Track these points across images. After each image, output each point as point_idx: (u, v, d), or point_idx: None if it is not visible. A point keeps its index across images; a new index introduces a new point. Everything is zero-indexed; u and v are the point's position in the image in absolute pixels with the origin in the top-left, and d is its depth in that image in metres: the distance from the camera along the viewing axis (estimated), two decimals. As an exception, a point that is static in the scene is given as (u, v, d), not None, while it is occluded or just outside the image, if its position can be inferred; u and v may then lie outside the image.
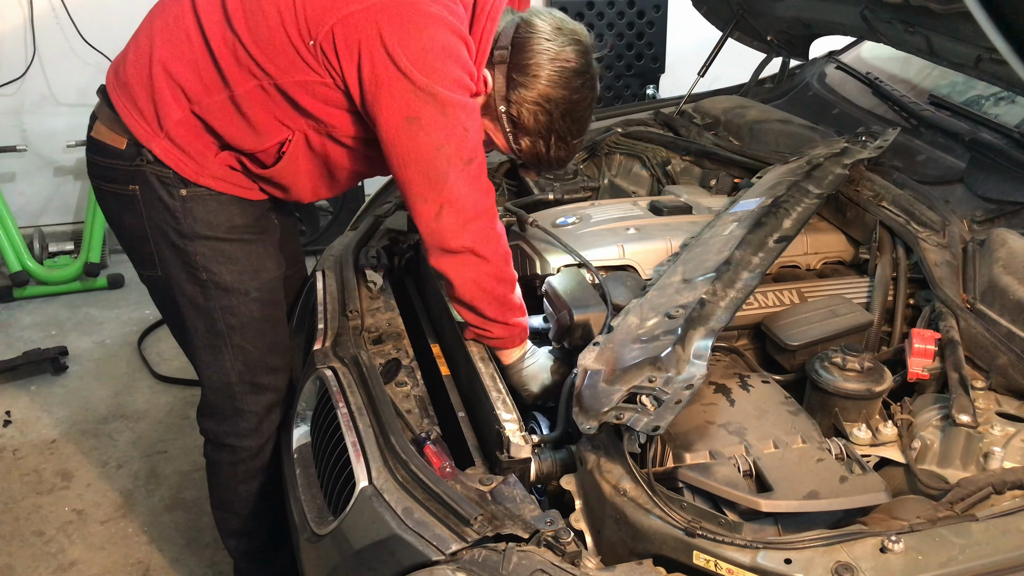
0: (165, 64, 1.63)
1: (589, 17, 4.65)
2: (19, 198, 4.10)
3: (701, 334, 1.48)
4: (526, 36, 1.62)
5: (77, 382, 3.30)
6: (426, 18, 1.50)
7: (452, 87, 1.51)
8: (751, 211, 1.86)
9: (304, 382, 1.85)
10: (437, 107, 1.50)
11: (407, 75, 1.48)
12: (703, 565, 1.22)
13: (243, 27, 1.57)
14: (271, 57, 1.57)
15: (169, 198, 1.71)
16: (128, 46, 1.72)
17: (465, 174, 1.55)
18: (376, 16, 1.48)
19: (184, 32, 1.62)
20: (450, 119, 1.51)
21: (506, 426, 1.49)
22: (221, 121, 1.65)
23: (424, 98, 1.49)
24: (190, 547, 2.53)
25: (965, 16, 1.55)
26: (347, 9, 1.50)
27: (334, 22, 1.50)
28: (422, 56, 1.48)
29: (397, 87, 1.49)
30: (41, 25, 3.91)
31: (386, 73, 1.49)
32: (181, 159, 1.68)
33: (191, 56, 1.62)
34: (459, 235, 1.58)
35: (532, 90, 1.62)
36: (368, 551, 1.40)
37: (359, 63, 1.50)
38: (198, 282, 1.78)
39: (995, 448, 1.42)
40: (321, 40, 1.52)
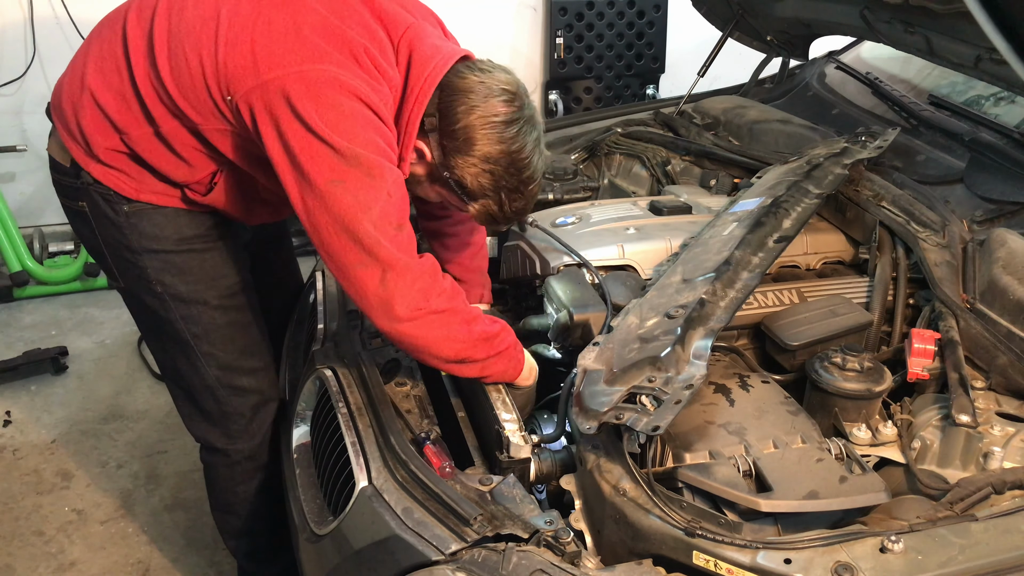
0: (94, 93, 1.61)
1: (589, 17, 4.65)
2: (19, 198, 4.09)
3: (701, 334, 1.49)
4: (449, 100, 1.55)
5: (77, 382, 3.30)
6: (343, 88, 1.44)
7: (375, 152, 1.46)
8: (751, 211, 1.86)
9: (304, 382, 1.85)
10: (362, 169, 1.44)
11: (327, 140, 1.42)
12: (703, 565, 1.22)
13: (166, 70, 1.54)
14: (192, 104, 1.54)
15: (114, 215, 1.69)
16: (68, 67, 1.70)
17: (398, 238, 1.47)
18: (293, 85, 1.43)
19: (114, 62, 1.60)
20: (376, 181, 1.45)
21: (506, 426, 1.49)
22: (150, 154, 1.63)
23: (348, 161, 1.43)
24: (190, 547, 2.53)
25: (965, 16, 1.55)
26: (266, 75, 1.45)
27: (252, 86, 1.45)
28: (342, 123, 1.43)
29: (318, 153, 1.43)
30: (41, 25, 3.91)
31: (304, 140, 1.43)
32: (119, 178, 1.66)
33: (120, 87, 1.59)
34: (409, 297, 1.47)
35: (468, 154, 1.55)
36: (368, 551, 1.40)
37: (276, 130, 1.44)
38: (155, 295, 1.76)
39: (995, 448, 1.42)
40: (238, 101, 1.48)
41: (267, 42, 1.46)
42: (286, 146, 1.44)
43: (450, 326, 1.52)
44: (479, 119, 1.54)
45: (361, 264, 1.46)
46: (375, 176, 1.45)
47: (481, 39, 4.60)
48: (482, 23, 4.59)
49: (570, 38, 4.66)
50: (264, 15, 1.49)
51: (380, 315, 1.49)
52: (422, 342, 1.52)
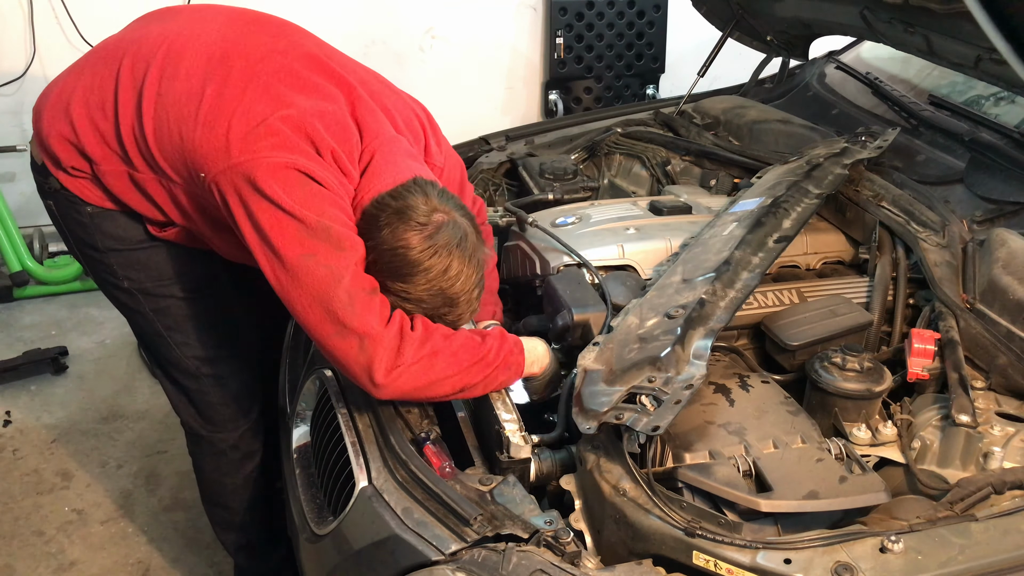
0: (75, 122, 1.64)
1: (589, 17, 4.65)
2: (19, 198, 4.09)
3: (701, 334, 1.49)
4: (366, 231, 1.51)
5: (77, 382, 3.30)
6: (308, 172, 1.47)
7: (342, 224, 1.47)
8: (751, 211, 1.86)
9: (304, 382, 1.85)
10: (332, 243, 1.45)
11: (295, 215, 1.44)
12: (703, 565, 1.22)
13: (150, 129, 1.57)
14: (171, 165, 1.58)
15: (78, 215, 1.73)
16: (58, 80, 1.72)
17: (372, 302, 1.46)
18: (259, 170, 1.46)
19: (101, 102, 1.63)
20: (346, 253, 1.46)
21: (506, 426, 1.49)
22: (119, 188, 1.66)
23: (318, 235, 1.44)
24: (190, 547, 2.53)
25: (965, 16, 1.55)
26: (235, 159, 1.48)
27: (220, 169, 1.49)
28: (307, 198, 1.46)
29: (288, 229, 1.44)
30: (41, 25, 3.91)
31: (274, 218, 1.45)
32: (84, 186, 1.70)
33: (103, 128, 1.62)
34: (387, 356, 1.45)
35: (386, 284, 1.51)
36: (368, 551, 1.40)
37: (246, 212, 1.47)
38: (123, 290, 1.80)
39: (995, 448, 1.42)
40: (208, 182, 1.52)
41: (242, 129, 1.50)
42: (256, 224, 1.46)
43: (435, 368, 1.48)
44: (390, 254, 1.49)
45: (338, 335, 1.45)
46: (345, 248, 1.46)
47: (481, 39, 4.61)
48: (482, 23, 4.59)
49: (570, 38, 4.66)
50: (244, 103, 1.52)
51: (365, 380, 1.47)
52: (414, 392, 1.51)
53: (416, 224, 1.48)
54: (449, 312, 1.55)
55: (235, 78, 1.56)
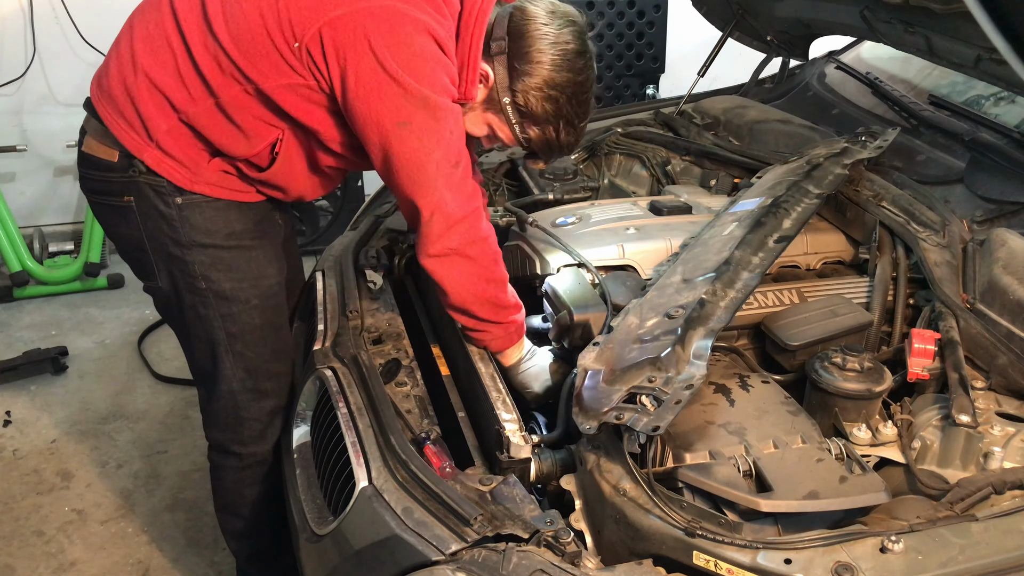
0: (148, 73, 1.61)
1: (589, 17, 4.63)
2: (19, 198, 4.10)
3: (701, 334, 1.49)
4: (522, 23, 1.59)
5: (77, 382, 3.30)
6: (413, 24, 1.48)
7: (441, 92, 1.51)
8: (751, 211, 1.86)
9: (304, 382, 1.85)
10: (428, 112, 1.49)
11: (397, 80, 1.46)
12: (703, 565, 1.22)
13: (224, 32, 1.54)
14: (253, 62, 1.54)
15: (165, 207, 1.69)
16: (110, 55, 1.69)
17: (453, 178, 1.55)
18: (364, 20, 1.46)
19: (165, 39, 1.60)
20: (440, 123, 1.51)
21: (506, 426, 1.49)
22: (210, 129, 1.63)
23: (415, 103, 1.48)
24: (190, 547, 2.53)
25: (965, 16, 1.55)
26: (334, 12, 1.47)
27: (321, 24, 1.47)
28: (411, 61, 1.47)
29: (388, 92, 1.47)
30: (41, 25, 3.91)
31: (375, 78, 1.47)
32: (174, 167, 1.66)
33: (173, 64, 1.59)
34: (445, 237, 1.57)
35: (536, 76, 1.59)
36: (368, 551, 1.40)
37: (344, 67, 1.48)
38: (197, 291, 1.76)
39: (995, 448, 1.42)
40: (307, 42, 1.49)
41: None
42: (356, 84, 1.48)
43: (468, 274, 1.61)
44: (551, 45, 1.58)
45: (416, 199, 1.55)
46: (439, 118, 1.50)
47: (481, 39, 4.61)
48: (482, 23, 4.59)
49: (570, 38, 4.66)
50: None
51: (420, 245, 1.60)
52: (439, 277, 1.62)
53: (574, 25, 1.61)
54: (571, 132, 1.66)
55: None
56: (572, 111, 1.64)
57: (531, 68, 1.59)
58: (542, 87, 1.60)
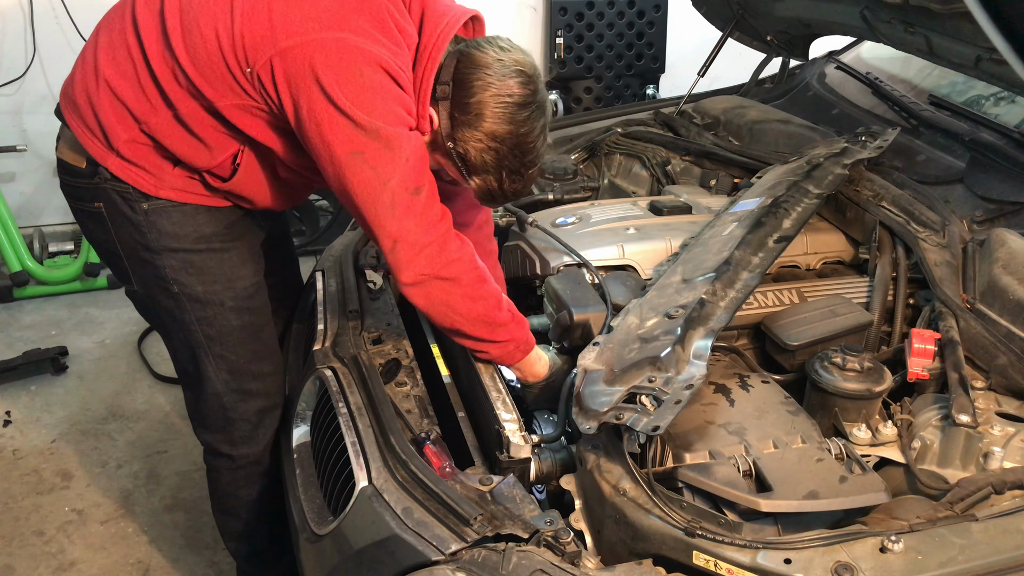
0: (109, 82, 1.60)
1: (589, 17, 4.65)
2: (19, 198, 4.09)
3: (701, 334, 1.49)
4: (466, 72, 1.56)
5: (77, 382, 3.30)
6: (364, 57, 1.46)
7: (394, 122, 1.49)
8: (751, 211, 1.86)
9: (304, 382, 1.85)
10: (381, 142, 1.47)
11: (347, 113, 1.45)
12: (703, 565, 1.22)
13: (181, 47, 1.53)
14: (208, 80, 1.53)
15: (132, 213, 1.68)
16: (77, 62, 1.69)
17: (414, 205, 1.52)
18: (312, 53, 1.45)
19: (126, 48, 1.59)
20: (395, 152, 1.49)
21: (506, 426, 1.49)
22: (171, 139, 1.61)
23: (367, 134, 1.46)
24: (190, 547, 2.53)
25: (965, 16, 1.55)
26: (284, 43, 1.46)
27: (272, 54, 1.46)
28: (361, 94, 1.45)
29: (338, 124, 1.46)
30: (41, 25, 3.91)
31: (325, 111, 1.45)
32: (138, 174, 1.65)
33: (134, 74, 1.58)
34: (415, 263, 1.54)
35: (476, 129, 1.57)
36: (368, 551, 1.40)
37: (296, 98, 1.47)
38: (171, 295, 1.75)
39: (995, 448, 1.42)
40: (258, 70, 1.49)
41: (284, 10, 1.47)
42: (308, 115, 1.47)
43: (450, 296, 1.58)
44: (493, 96, 1.55)
45: (375, 227, 1.54)
46: (392, 147, 1.49)
47: (481, 39, 4.61)
48: (482, 23, 4.59)
49: (570, 38, 4.66)
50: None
51: (394, 276, 1.59)
52: (420, 304, 1.60)
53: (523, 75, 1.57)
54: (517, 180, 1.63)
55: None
56: (515, 162, 1.60)
57: (470, 119, 1.57)
58: (482, 139, 1.57)
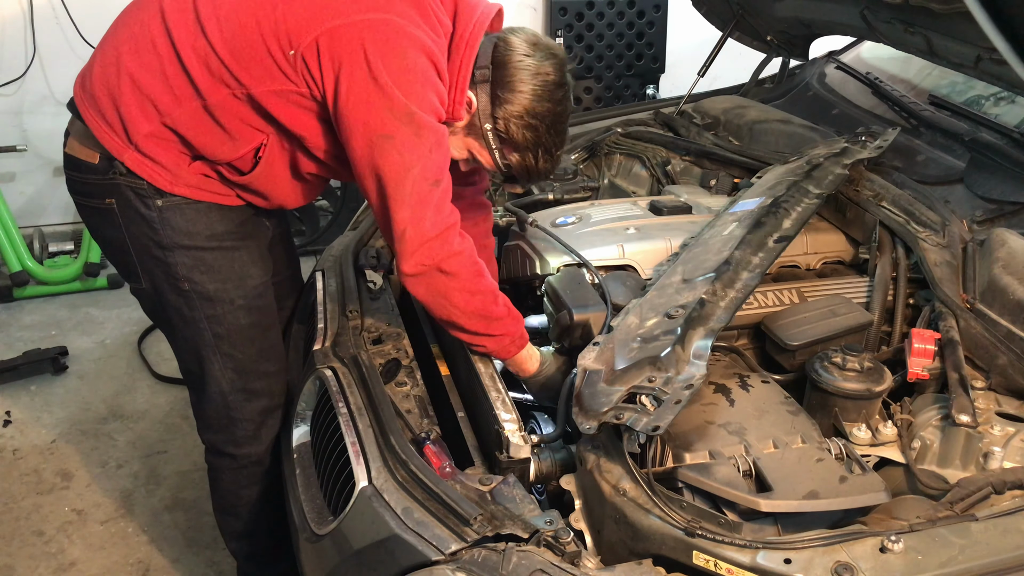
0: (133, 75, 1.60)
1: (589, 17, 4.65)
2: (19, 198, 4.10)
3: (701, 334, 1.49)
4: (505, 54, 1.64)
5: (77, 382, 3.30)
6: (409, 39, 1.50)
7: (427, 110, 1.52)
8: (751, 211, 1.86)
9: (304, 382, 1.85)
10: (412, 128, 1.50)
11: (386, 92, 1.47)
12: (703, 565, 1.22)
13: (217, 36, 1.55)
14: (245, 66, 1.55)
15: (146, 209, 1.68)
16: (94, 56, 1.68)
17: (431, 196, 1.54)
18: (362, 32, 1.48)
19: (151, 42, 1.59)
20: (422, 140, 1.51)
21: (505, 426, 1.49)
22: (194, 131, 1.62)
23: (400, 117, 1.49)
24: (190, 547, 2.53)
25: (965, 16, 1.55)
26: (333, 22, 1.49)
27: (319, 33, 1.49)
28: (404, 76, 1.49)
29: (376, 104, 1.48)
30: (41, 25, 3.91)
31: (366, 89, 1.48)
32: (154, 169, 1.65)
33: (159, 66, 1.59)
34: (419, 254, 1.56)
35: (517, 105, 1.63)
36: (368, 551, 1.40)
37: (339, 76, 1.49)
38: (181, 293, 1.75)
39: (995, 448, 1.42)
40: (303, 50, 1.50)
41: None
42: (345, 92, 1.49)
43: (448, 289, 1.59)
44: (533, 76, 1.63)
45: (391, 212, 1.54)
46: (421, 135, 1.51)
47: (481, 39, 4.61)
48: (482, 23, 4.59)
49: (570, 38, 4.66)
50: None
51: (398, 264, 1.60)
52: (420, 295, 1.62)
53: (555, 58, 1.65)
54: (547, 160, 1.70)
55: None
56: (551, 140, 1.68)
57: (513, 97, 1.64)
58: (523, 115, 1.64)
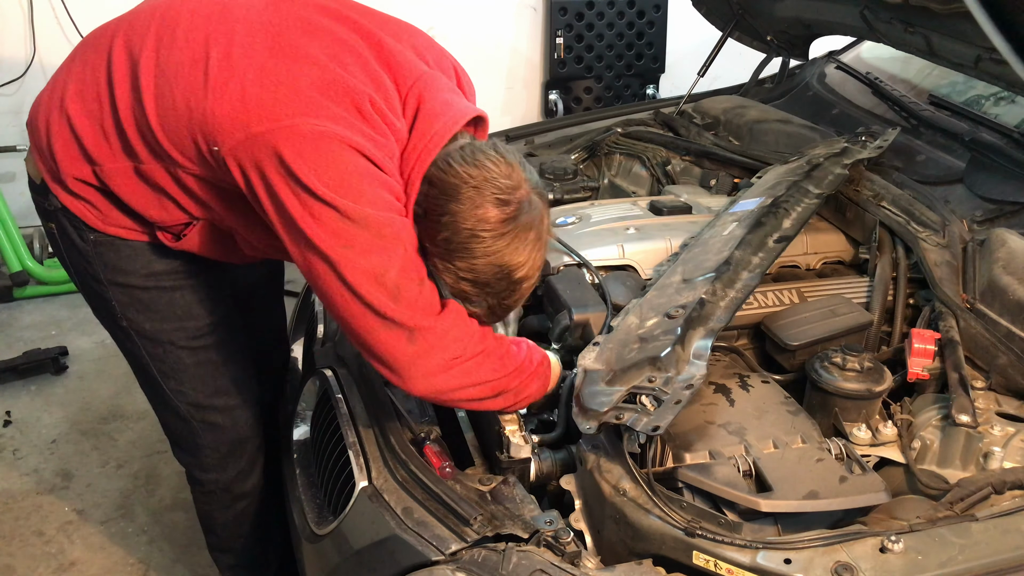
0: (71, 118, 1.49)
1: (589, 17, 4.65)
2: (19, 198, 4.09)
3: (701, 334, 1.49)
4: (434, 202, 1.37)
5: (77, 382, 3.30)
6: (340, 140, 1.30)
7: (383, 207, 1.32)
8: (751, 211, 1.86)
9: (304, 382, 1.85)
10: (371, 231, 1.30)
11: (329, 202, 1.28)
12: (703, 565, 1.22)
13: (151, 108, 1.41)
14: (178, 147, 1.41)
15: (80, 241, 1.58)
16: (49, 82, 1.59)
17: (420, 297, 1.35)
18: (284, 141, 1.29)
19: (96, 89, 1.48)
20: (388, 241, 1.32)
21: (506, 426, 1.49)
22: (123, 188, 1.50)
23: (356, 224, 1.29)
24: (190, 547, 2.53)
25: (965, 16, 1.55)
26: (254, 128, 1.31)
27: (238, 141, 1.32)
28: (342, 179, 1.29)
29: (321, 217, 1.29)
30: (41, 25, 3.91)
31: (304, 205, 1.29)
32: (85, 208, 1.55)
33: (99, 117, 1.47)
34: (444, 346, 1.37)
35: (449, 262, 1.39)
36: (368, 551, 1.40)
37: (270, 193, 1.32)
38: (120, 328, 1.68)
39: (995, 448, 1.42)
40: (224, 155, 1.34)
41: (258, 91, 1.33)
42: (283, 209, 1.31)
43: (482, 367, 1.41)
44: (466, 232, 1.35)
45: (384, 328, 1.34)
46: (386, 236, 1.32)
47: (481, 39, 4.61)
48: (482, 23, 4.59)
49: (570, 38, 4.67)
50: (256, 61, 1.36)
51: (411, 374, 1.37)
52: (459, 392, 1.42)
53: (499, 201, 1.34)
54: (508, 296, 1.44)
55: (240, 33, 1.39)
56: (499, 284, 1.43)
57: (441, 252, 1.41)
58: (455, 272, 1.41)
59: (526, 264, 1.41)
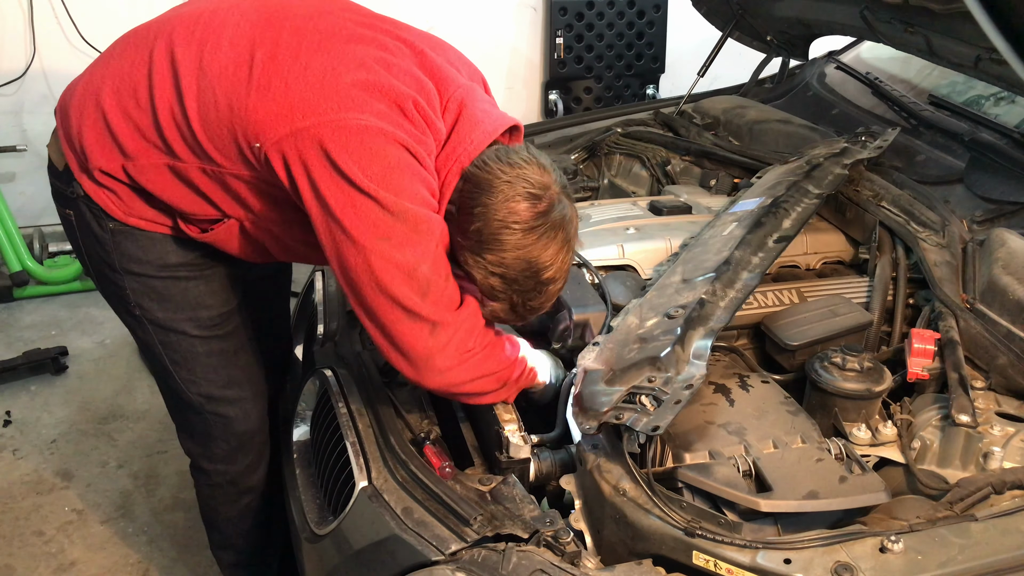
0: (107, 114, 1.51)
1: (589, 17, 4.65)
2: (19, 198, 4.09)
3: (701, 334, 1.49)
4: (467, 196, 1.42)
5: (77, 382, 3.30)
6: (383, 134, 1.35)
7: (421, 203, 1.37)
8: (751, 211, 1.86)
9: (304, 382, 1.85)
10: (408, 225, 1.34)
11: (371, 194, 1.33)
12: (703, 565, 1.22)
13: (193, 108, 1.44)
14: (218, 147, 1.45)
15: (99, 230, 1.60)
16: (84, 73, 1.61)
17: (446, 293, 1.41)
18: (328, 135, 1.34)
19: (133, 89, 1.50)
20: (423, 236, 1.36)
21: (505, 426, 1.49)
22: (155, 183, 1.53)
23: (394, 216, 1.34)
24: (190, 547, 2.53)
25: (965, 16, 1.55)
26: (298, 123, 1.35)
27: (282, 135, 1.36)
28: (384, 172, 1.34)
29: (361, 209, 1.33)
30: (41, 25, 3.91)
31: (345, 196, 1.34)
32: (108, 197, 1.57)
33: (136, 116, 1.50)
34: (458, 340, 1.42)
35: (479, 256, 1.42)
36: (368, 551, 1.40)
37: (312, 185, 1.36)
38: (133, 316, 1.69)
39: (995, 448, 1.42)
40: (267, 150, 1.38)
41: (302, 88, 1.37)
42: (323, 200, 1.35)
43: (489, 359, 1.47)
44: (497, 224, 1.39)
45: (408, 319, 1.38)
46: (422, 231, 1.36)
47: (481, 39, 4.61)
48: (482, 23, 4.59)
49: (570, 38, 4.67)
50: (301, 60, 1.40)
51: (428, 366, 1.42)
52: (468, 384, 1.47)
53: (530, 196, 1.39)
54: (534, 297, 1.47)
55: (286, 38, 1.43)
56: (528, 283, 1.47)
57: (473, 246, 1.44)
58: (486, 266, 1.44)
59: (553, 264, 1.44)
